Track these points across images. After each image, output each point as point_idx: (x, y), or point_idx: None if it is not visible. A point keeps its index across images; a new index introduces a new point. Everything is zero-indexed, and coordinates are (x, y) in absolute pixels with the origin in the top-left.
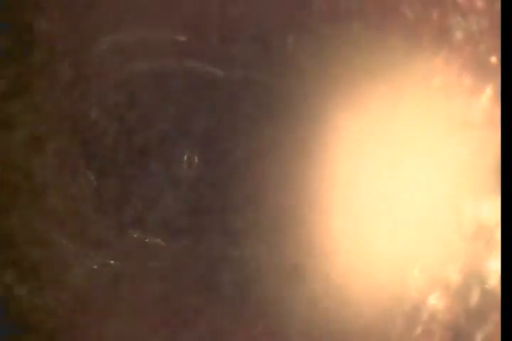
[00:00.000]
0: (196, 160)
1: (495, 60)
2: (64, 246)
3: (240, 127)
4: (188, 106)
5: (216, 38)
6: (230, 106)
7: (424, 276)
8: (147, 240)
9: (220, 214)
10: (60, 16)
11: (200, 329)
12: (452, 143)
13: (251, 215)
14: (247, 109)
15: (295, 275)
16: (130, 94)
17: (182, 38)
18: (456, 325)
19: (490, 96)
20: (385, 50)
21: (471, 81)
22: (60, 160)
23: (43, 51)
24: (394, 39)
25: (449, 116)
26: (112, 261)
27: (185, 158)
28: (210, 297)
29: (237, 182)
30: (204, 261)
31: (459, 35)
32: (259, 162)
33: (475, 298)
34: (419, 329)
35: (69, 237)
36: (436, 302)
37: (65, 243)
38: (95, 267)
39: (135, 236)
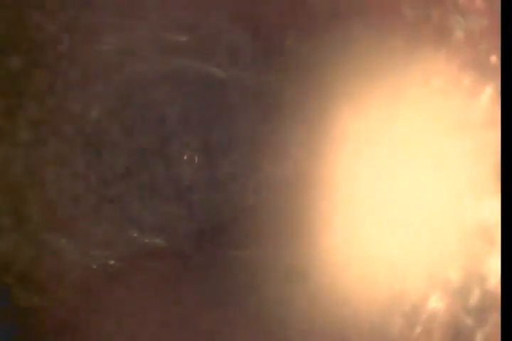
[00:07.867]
0: (196, 160)
1: (495, 59)
2: (64, 246)
3: (240, 127)
4: (189, 106)
5: (216, 38)
6: (230, 106)
7: (424, 276)
8: (147, 240)
9: (220, 214)
10: (61, 16)
11: (200, 329)
12: (452, 143)
13: (251, 215)
14: (248, 109)
15: (295, 276)
16: (130, 94)
17: (182, 38)
18: (456, 325)
19: (490, 96)
20: (385, 50)
21: (471, 81)
22: (61, 159)
23: (42, 51)
24: (394, 39)
25: (449, 116)
26: (112, 261)
27: (185, 158)
28: (210, 297)
29: (238, 183)
30: (204, 262)
31: (459, 35)
32: (260, 162)
33: (475, 298)
34: (418, 329)
35: (69, 237)
36: (436, 302)
37: (65, 243)
38: (95, 267)
39: (135, 236)
